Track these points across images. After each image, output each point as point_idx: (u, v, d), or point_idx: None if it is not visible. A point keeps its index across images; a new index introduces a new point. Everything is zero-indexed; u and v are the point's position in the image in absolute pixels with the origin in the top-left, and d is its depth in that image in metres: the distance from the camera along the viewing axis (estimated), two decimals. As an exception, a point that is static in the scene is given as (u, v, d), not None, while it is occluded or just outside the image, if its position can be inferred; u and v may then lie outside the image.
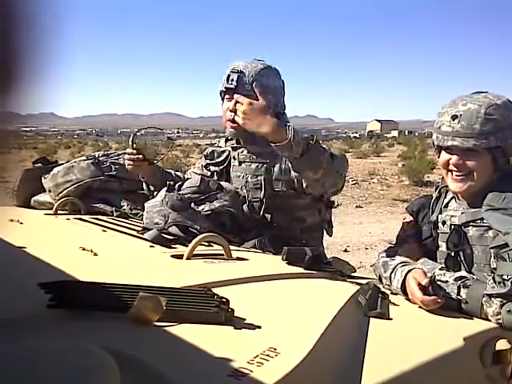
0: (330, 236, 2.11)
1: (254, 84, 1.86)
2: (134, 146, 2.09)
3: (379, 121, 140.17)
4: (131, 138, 2.15)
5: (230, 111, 1.94)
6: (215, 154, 2.14)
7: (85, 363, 0.55)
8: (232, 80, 1.92)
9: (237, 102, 1.67)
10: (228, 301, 0.91)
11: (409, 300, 1.32)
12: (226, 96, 1.99)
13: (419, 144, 31.21)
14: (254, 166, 1.97)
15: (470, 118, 1.35)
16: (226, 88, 1.95)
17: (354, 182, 13.21)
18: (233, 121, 1.94)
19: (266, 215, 1.94)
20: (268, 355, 0.77)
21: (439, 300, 1.24)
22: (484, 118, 1.34)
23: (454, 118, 1.37)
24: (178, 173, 2.29)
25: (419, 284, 1.27)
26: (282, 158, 1.90)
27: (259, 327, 0.89)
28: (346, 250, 6.46)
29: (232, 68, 1.95)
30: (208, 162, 2.15)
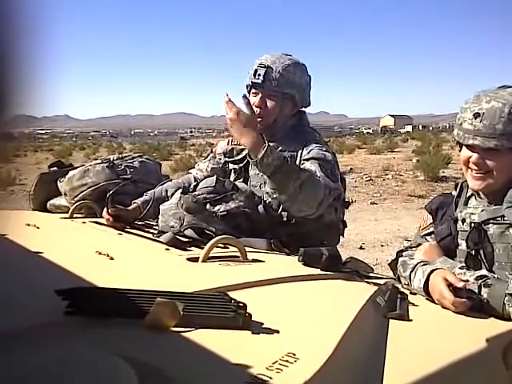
0: (343, 236, 2.09)
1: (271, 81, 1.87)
2: (109, 210, 1.97)
3: (393, 116, 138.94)
4: (107, 198, 2.00)
5: (256, 106, 1.93)
6: (234, 152, 2.13)
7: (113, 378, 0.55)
8: (259, 75, 1.91)
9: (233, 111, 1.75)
10: (245, 305, 0.90)
11: (429, 300, 1.30)
12: (253, 90, 1.98)
13: (433, 139, 30.84)
14: None
15: (492, 117, 1.30)
16: (252, 82, 1.94)
17: (368, 178, 13.10)
18: (257, 116, 1.89)
19: (283, 213, 1.92)
20: (287, 361, 0.76)
21: (468, 302, 1.21)
22: (507, 117, 1.29)
23: (476, 116, 1.32)
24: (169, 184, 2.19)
25: (449, 285, 1.24)
26: (298, 156, 1.89)
27: (277, 332, 0.88)
28: (361, 247, 6.41)
29: (260, 63, 1.94)
30: (227, 159, 2.13)
